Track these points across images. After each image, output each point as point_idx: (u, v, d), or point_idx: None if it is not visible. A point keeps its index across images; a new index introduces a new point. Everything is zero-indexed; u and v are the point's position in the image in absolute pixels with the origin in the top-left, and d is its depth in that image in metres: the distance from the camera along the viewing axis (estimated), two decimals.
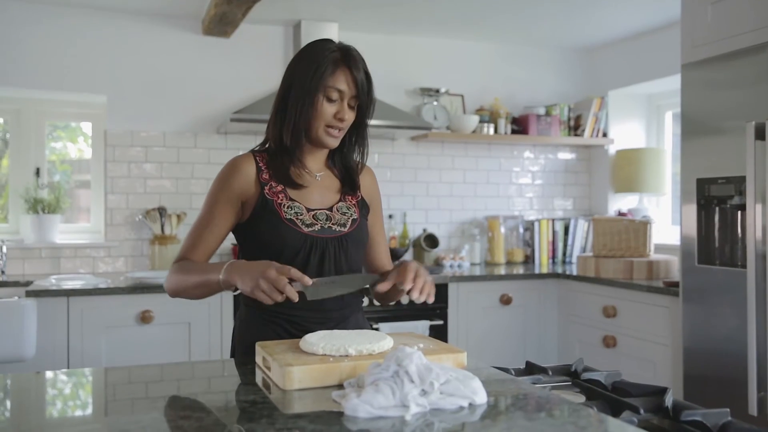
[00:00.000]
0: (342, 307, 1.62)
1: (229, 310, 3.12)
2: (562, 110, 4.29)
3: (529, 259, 4.25)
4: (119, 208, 3.64)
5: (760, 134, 2.35)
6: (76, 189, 3.94)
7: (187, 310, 3.05)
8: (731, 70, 2.53)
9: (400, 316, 3.35)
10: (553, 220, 4.29)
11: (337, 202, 1.66)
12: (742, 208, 2.46)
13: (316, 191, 1.65)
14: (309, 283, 1.41)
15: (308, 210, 1.61)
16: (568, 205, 4.53)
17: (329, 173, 1.70)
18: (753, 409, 2.36)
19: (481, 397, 1.13)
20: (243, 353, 1.61)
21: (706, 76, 2.63)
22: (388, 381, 1.09)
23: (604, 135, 4.32)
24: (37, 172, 3.67)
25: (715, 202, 2.59)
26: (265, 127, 1.68)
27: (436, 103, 4.07)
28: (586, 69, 4.52)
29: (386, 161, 4.09)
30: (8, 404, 1.23)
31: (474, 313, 3.54)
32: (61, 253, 3.55)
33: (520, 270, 3.83)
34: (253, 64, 3.83)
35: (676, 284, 2.92)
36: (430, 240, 4.05)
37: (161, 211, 3.59)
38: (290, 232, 1.56)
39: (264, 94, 3.76)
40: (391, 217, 4.07)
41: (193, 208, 3.71)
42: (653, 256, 3.43)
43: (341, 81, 1.56)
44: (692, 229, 2.68)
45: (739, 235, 2.49)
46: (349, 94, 1.58)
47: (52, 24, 3.51)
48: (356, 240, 1.65)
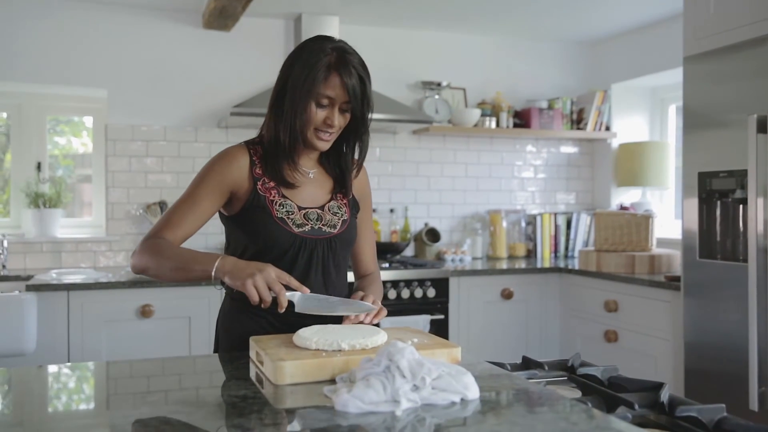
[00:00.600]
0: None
1: None
2: (565, 104, 4.26)
3: (531, 254, 4.24)
4: (120, 203, 3.64)
5: (762, 127, 2.32)
6: (80, 183, 3.95)
7: (188, 304, 3.05)
8: (734, 63, 2.50)
9: (401, 311, 3.34)
10: (556, 215, 4.27)
11: (329, 201, 1.66)
12: (744, 202, 2.43)
13: (308, 189, 1.64)
14: (307, 292, 1.44)
15: (300, 208, 1.60)
16: (571, 199, 4.51)
17: (322, 171, 1.69)
18: (754, 404, 2.35)
19: (474, 393, 1.12)
20: (229, 347, 1.61)
21: (708, 69, 2.61)
22: (380, 376, 1.08)
23: (607, 128, 4.30)
24: (39, 167, 3.68)
25: (716, 195, 2.57)
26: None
27: (437, 97, 4.06)
28: (589, 62, 4.49)
29: (388, 155, 4.07)
30: (11, 397, 1.23)
31: (475, 308, 3.53)
32: (63, 248, 3.55)
33: (522, 264, 3.81)
34: (254, 58, 3.82)
35: (677, 279, 2.91)
36: (432, 234, 4.04)
37: (162, 206, 3.59)
38: (280, 232, 1.56)
39: (264, 88, 3.74)
40: (392, 211, 4.06)
41: None
42: (655, 250, 3.41)
43: (332, 88, 1.52)
44: (694, 223, 2.66)
45: (741, 229, 2.47)
46: (340, 99, 1.54)
47: (52, 18, 3.50)
48: (345, 241, 1.65)
